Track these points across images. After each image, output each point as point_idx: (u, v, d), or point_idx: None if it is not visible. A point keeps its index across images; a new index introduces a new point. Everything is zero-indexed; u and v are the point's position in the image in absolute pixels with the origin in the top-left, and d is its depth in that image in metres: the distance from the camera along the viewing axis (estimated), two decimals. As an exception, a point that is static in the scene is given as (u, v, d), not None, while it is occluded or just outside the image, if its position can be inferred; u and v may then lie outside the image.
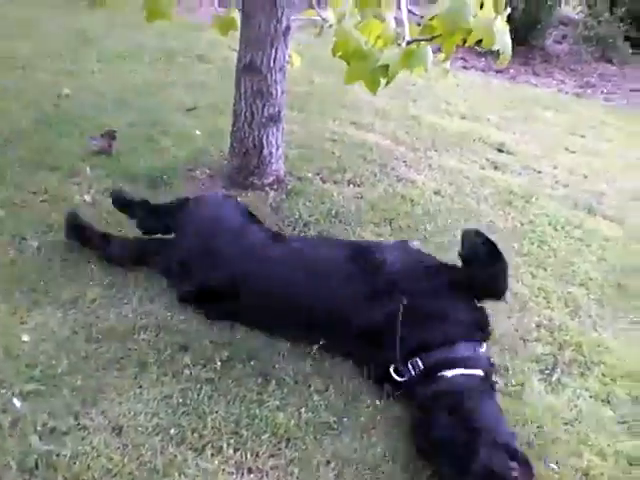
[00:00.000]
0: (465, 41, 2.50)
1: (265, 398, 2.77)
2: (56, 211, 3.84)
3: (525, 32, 9.10)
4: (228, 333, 3.08)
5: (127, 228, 3.76)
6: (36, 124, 4.89)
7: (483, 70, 8.34)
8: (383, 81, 2.57)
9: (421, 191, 4.61)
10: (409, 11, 2.69)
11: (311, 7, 3.90)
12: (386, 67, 2.48)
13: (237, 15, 3.92)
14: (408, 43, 2.53)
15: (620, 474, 2.69)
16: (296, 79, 6.13)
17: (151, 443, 2.51)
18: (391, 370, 2.82)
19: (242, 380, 2.84)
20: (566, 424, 2.90)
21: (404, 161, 5.04)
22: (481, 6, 2.50)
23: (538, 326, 3.47)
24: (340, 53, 2.52)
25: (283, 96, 4.19)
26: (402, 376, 2.80)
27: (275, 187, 4.31)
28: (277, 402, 2.76)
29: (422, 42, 2.57)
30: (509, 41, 2.63)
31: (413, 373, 2.79)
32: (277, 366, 2.92)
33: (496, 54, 2.72)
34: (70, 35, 7.35)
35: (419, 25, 2.80)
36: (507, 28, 2.58)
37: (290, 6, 3.98)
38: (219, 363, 2.90)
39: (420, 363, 2.78)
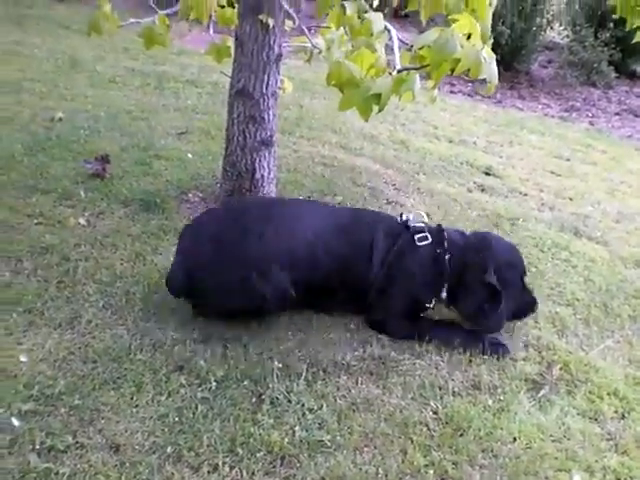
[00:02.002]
0: (453, 70, 2.58)
1: (259, 417, 2.82)
2: (51, 233, 3.90)
3: (511, 57, 9.23)
4: (221, 353, 3.14)
5: (120, 250, 3.83)
6: (29, 148, 4.95)
7: (470, 95, 8.46)
8: (375, 108, 2.65)
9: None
10: (400, 40, 2.78)
11: (302, 34, 3.99)
12: (378, 95, 2.56)
13: (231, 42, 4.00)
14: (399, 71, 2.61)
15: (608, 490, 2.76)
16: (286, 103, 6.23)
17: (148, 461, 2.56)
18: None
19: (237, 399, 2.90)
20: (554, 441, 2.96)
21: (393, 184, 5.11)
22: (468, 37, 2.59)
23: (526, 346, 3.54)
24: (334, 82, 2.59)
25: (275, 120, 4.26)
26: None
27: (267, 210, 4.36)
28: (271, 421, 2.81)
29: (412, 71, 2.66)
30: (496, 70, 2.72)
31: None
32: (270, 385, 2.98)
33: (482, 80, 2.81)
34: (61, 60, 7.42)
35: (410, 51, 2.88)
36: (494, 57, 2.67)
37: (282, 33, 4.06)
38: (214, 383, 2.96)
39: None
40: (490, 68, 2.64)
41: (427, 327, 3.49)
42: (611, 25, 9.22)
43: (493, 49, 2.77)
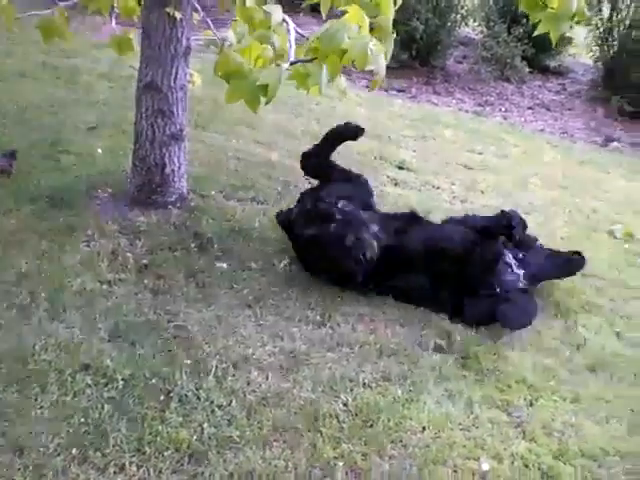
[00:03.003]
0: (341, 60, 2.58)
1: (167, 415, 2.79)
2: (-45, 231, 3.78)
3: (426, 53, 9.28)
4: (129, 351, 3.10)
5: (26, 249, 3.73)
6: None
7: (386, 90, 8.46)
8: (263, 100, 2.63)
9: (323, 207, 4.68)
10: (298, 33, 2.77)
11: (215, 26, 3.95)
12: (265, 86, 2.55)
13: (135, 35, 3.94)
14: (292, 64, 2.61)
15: (516, 476, 2.81)
16: (200, 97, 6.14)
17: (53, 463, 2.52)
18: None
19: (144, 398, 2.86)
20: (463, 429, 3.01)
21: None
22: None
23: (437, 336, 3.59)
24: (221, 73, 2.56)
25: (184, 115, 4.22)
26: None
27: (178, 205, 4.32)
28: (180, 418, 2.79)
29: (307, 63, 2.65)
30: (384, 64, 2.73)
31: None
32: (179, 382, 2.95)
33: (395, 74, 2.83)
34: (-31, 54, 7.19)
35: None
36: (383, 51, 2.68)
37: (190, 26, 4.02)
38: (121, 382, 2.92)
39: None
40: (378, 61, 2.66)
41: None
42: (524, 21, 9.34)
43: (408, 45, 2.79)
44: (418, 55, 9.14)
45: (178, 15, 3.78)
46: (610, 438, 3.12)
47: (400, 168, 5.75)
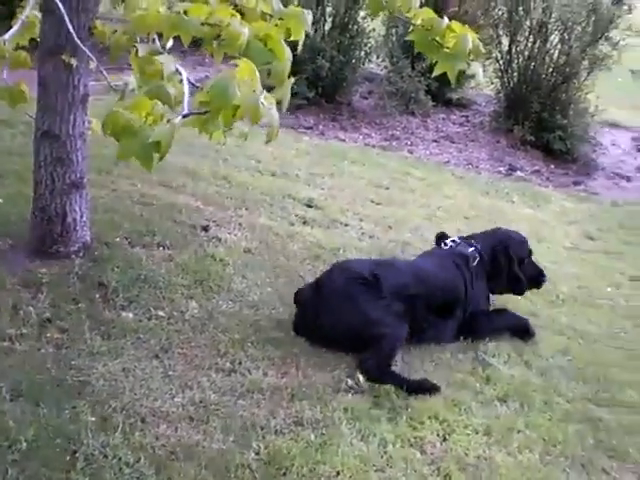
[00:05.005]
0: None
1: (73, 476, 2.70)
2: None
3: (332, 90, 9.38)
4: (32, 411, 2.99)
5: None
6: None
7: (293, 127, 8.49)
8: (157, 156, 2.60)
9: (231, 250, 4.66)
10: (191, 83, 2.75)
11: (118, 71, 3.92)
12: (158, 143, 2.52)
13: (25, 87, 3.87)
14: (184, 117, 2.58)
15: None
16: (104, 141, 6.01)
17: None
18: None
19: (49, 459, 2.76)
20: (377, 470, 3.01)
21: (214, 221, 5.05)
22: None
23: (348, 376, 3.58)
24: (109, 131, 2.52)
25: (84, 162, 4.14)
26: None
27: (81, 255, 4.21)
28: (87, 479, 2.69)
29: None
30: (276, 115, 2.74)
31: None
32: (85, 441, 2.85)
33: (302, 111, 2.84)
34: None
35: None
36: (274, 103, 2.69)
37: (87, 73, 3.97)
38: (24, 444, 2.80)
39: None
40: (270, 113, 2.67)
41: None
42: (426, 56, 9.53)
43: (314, 82, 2.80)
44: (324, 92, 9.23)
45: (74, 62, 3.73)
46: (524, 469, 3.18)
47: (309, 206, 5.76)
